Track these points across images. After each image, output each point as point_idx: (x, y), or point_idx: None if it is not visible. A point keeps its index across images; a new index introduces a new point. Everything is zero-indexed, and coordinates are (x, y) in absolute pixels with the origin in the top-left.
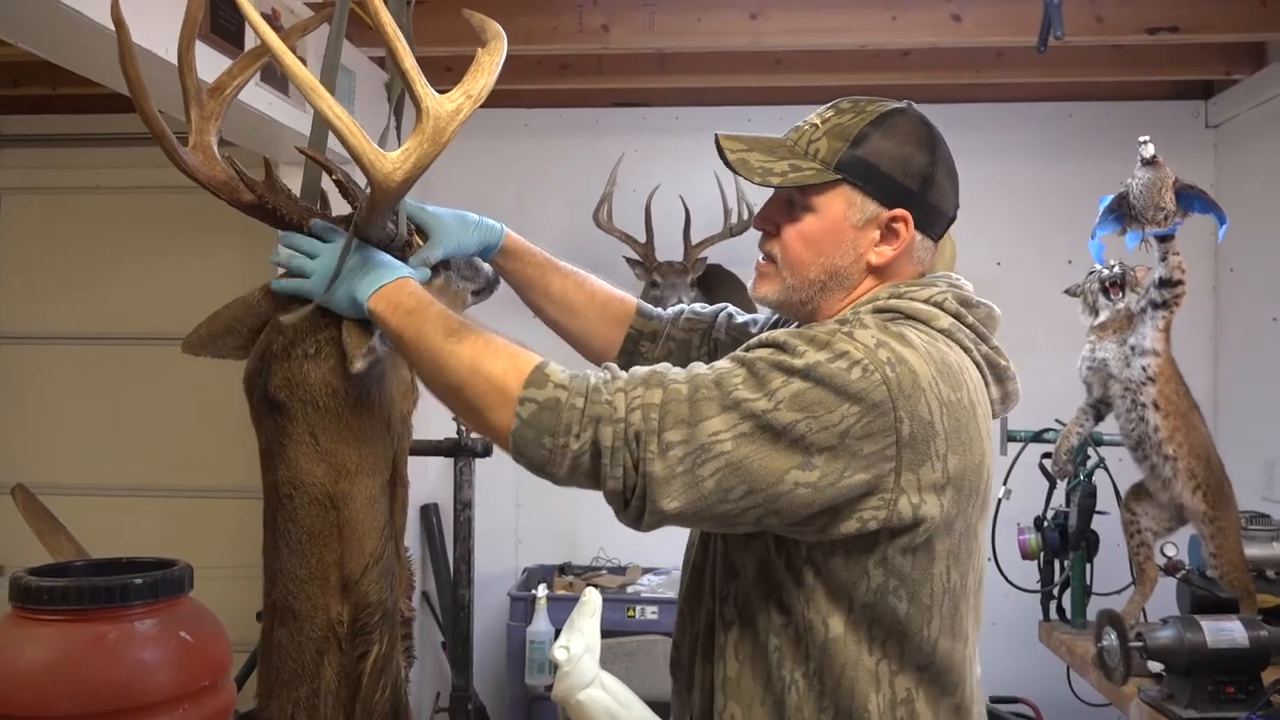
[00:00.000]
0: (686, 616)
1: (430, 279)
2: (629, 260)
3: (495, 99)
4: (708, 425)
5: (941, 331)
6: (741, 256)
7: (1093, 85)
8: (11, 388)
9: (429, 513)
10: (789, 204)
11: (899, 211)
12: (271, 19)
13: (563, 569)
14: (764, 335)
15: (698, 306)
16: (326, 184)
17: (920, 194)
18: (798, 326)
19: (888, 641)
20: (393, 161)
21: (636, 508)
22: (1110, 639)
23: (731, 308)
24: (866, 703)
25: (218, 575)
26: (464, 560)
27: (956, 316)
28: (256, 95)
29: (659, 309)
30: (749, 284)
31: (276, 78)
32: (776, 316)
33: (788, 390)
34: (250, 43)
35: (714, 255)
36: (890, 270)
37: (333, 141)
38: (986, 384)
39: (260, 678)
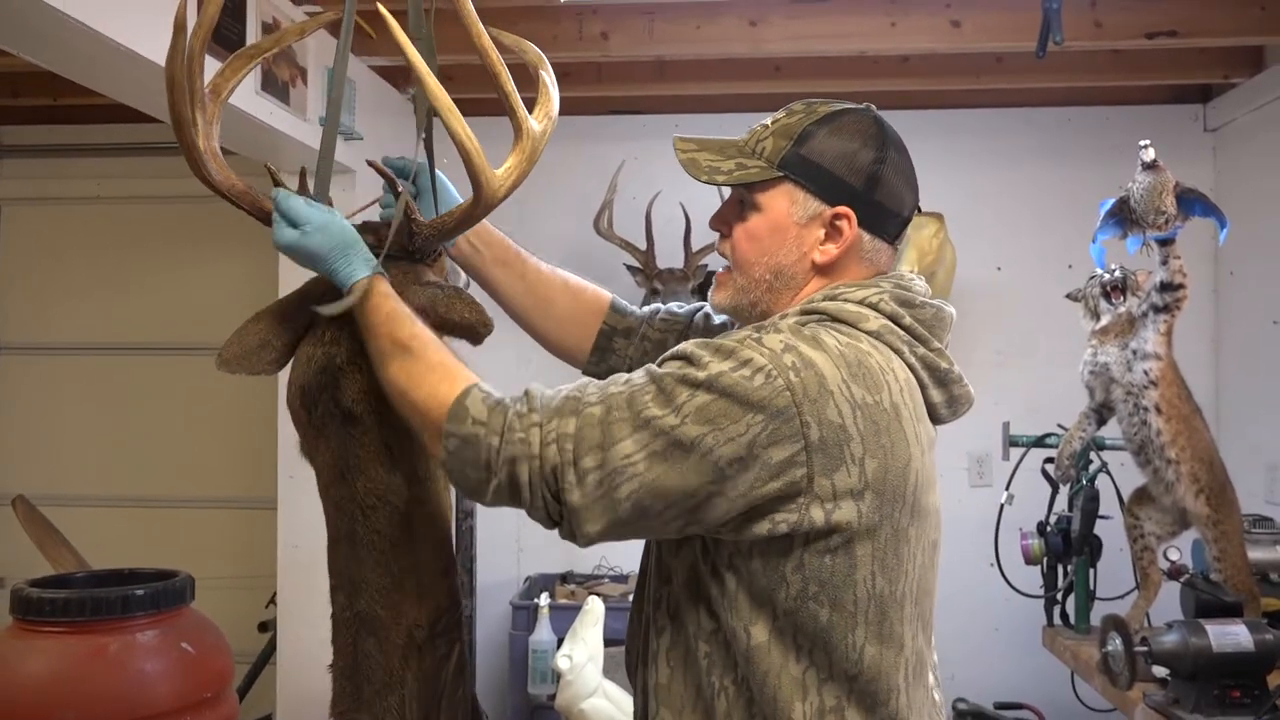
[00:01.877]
0: (635, 620)
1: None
2: (630, 268)
3: (493, 107)
4: (620, 448)
5: (870, 333)
6: None
7: (1092, 90)
8: (13, 398)
9: None
10: (739, 204)
11: (841, 209)
12: (272, 27)
13: (565, 578)
14: (676, 347)
15: (674, 306)
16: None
17: (865, 192)
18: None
19: (814, 650)
20: (499, 178)
21: (566, 530)
22: (1115, 644)
23: (708, 307)
24: (791, 711)
25: (219, 586)
26: (465, 570)
27: (892, 318)
28: (258, 105)
29: (634, 306)
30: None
31: (277, 86)
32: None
33: (693, 404)
34: None
35: (715, 262)
36: (838, 269)
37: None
38: (924, 387)
39: (343, 689)
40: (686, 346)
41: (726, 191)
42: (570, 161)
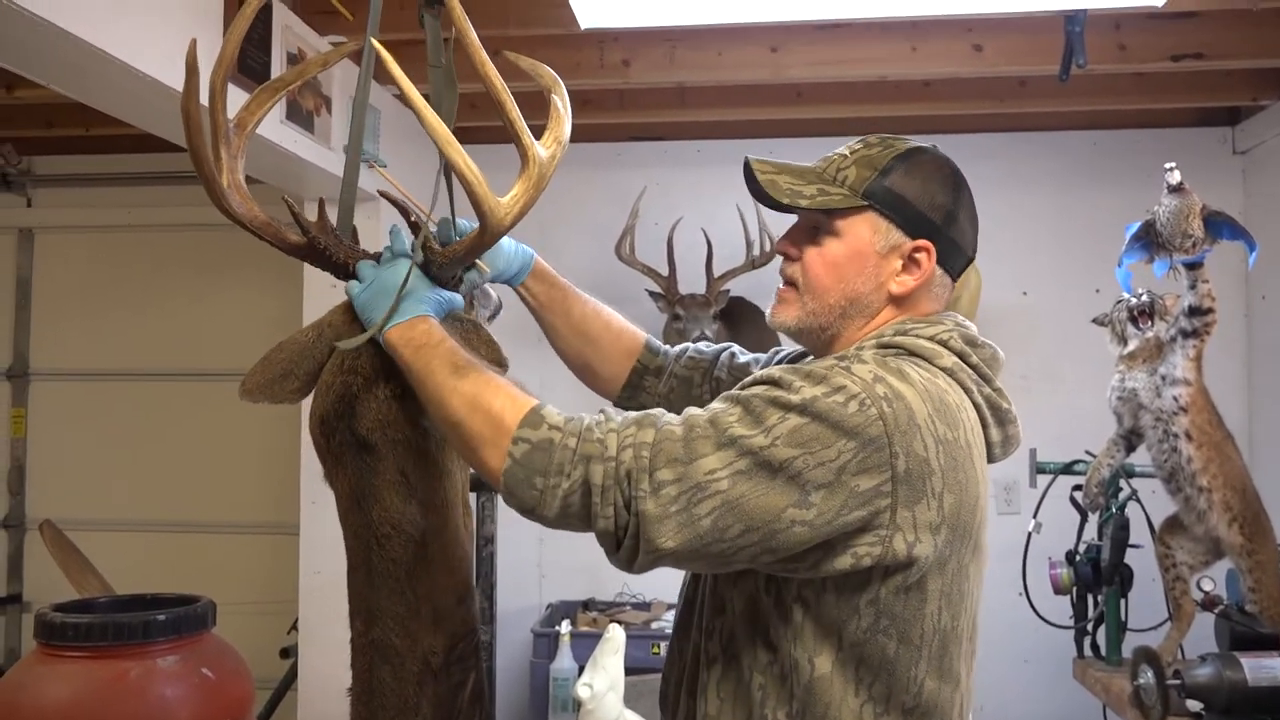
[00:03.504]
0: (675, 650)
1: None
2: (651, 293)
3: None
4: (703, 463)
5: (944, 370)
6: (765, 289)
7: (1117, 113)
8: (42, 423)
9: None
10: (813, 229)
11: (922, 242)
12: (297, 58)
13: (586, 604)
14: (759, 373)
15: (702, 345)
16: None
17: (943, 228)
18: (804, 360)
19: (875, 683)
20: (505, 206)
21: (629, 548)
22: (1147, 677)
23: (735, 347)
24: None
25: (242, 611)
26: (485, 598)
27: (960, 356)
28: (283, 134)
29: (666, 346)
30: (768, 311)
31: (301, 115)
32: (780, 355)
33: (784, 426)
34: None
35: (737, 287)
36: (909, 302)
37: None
38: (986, 426)
39: (359, 714)
40: (773, 371)
41: (750, 219)
42: (592, 188)
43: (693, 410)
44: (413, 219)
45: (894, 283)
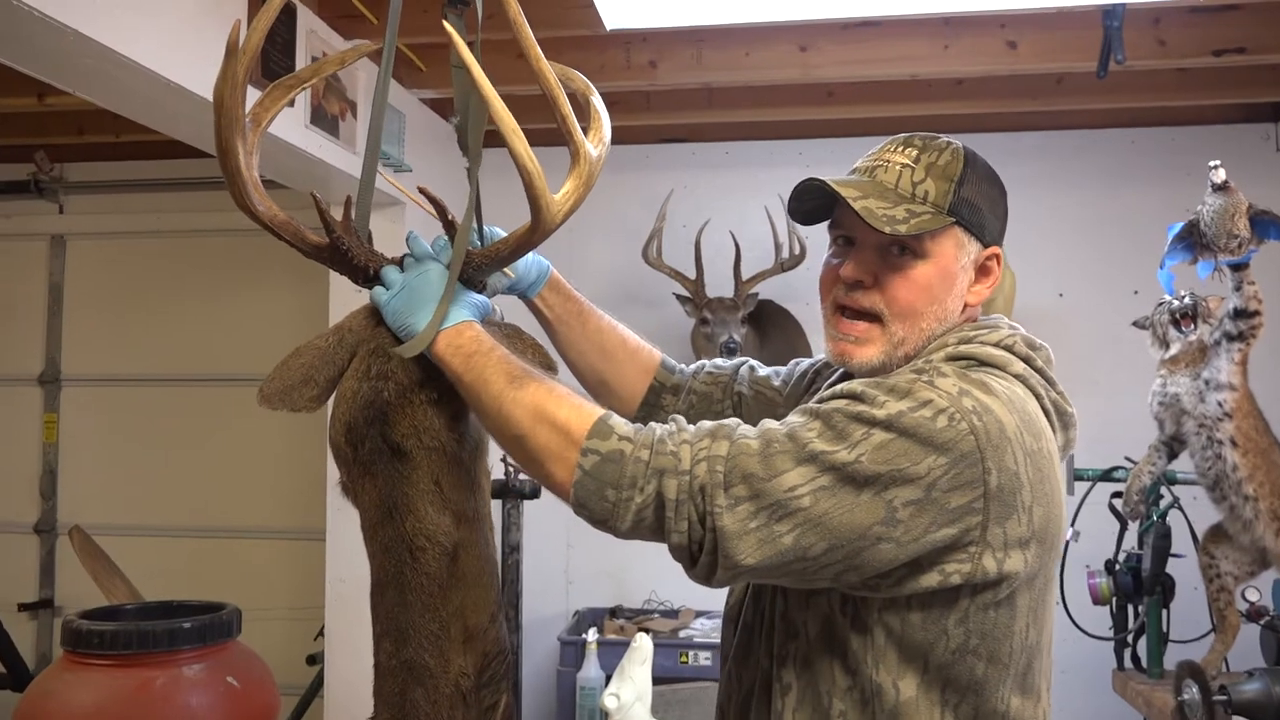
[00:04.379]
0: (734, 677)
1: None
2: (679, 297)
3: (540, 138)
4: (784, 479)
5: (1016, 377)
6: (794, 292)
7: (1156, 110)
8: (73, 430)
9: None
10: (886, 251)
11: (994, 249)
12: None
13: (614, 612)
14: (838, 387)
15: (719, 361)
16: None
17: (1003, 231)
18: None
19: (961, 704)
20: (558, 203)
21: (707, 563)
22: (1191, 692)
23: (752, 361)
24: None
25: (270, 617)
26: (511, 606)
27: (1026, 361)
28: (308, 138)
29: (681, 365)
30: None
31: (326, 120)
32: (807, 366)
33: (870, 442)
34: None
35: (765, 291)
36: (971, 308)
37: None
38: (1054, 431)
39: None
40: (854, 385)
41: (779, 222)
42: (619, 191)
43: (769, 423)
44: (450, 217)
45: (971, 294)
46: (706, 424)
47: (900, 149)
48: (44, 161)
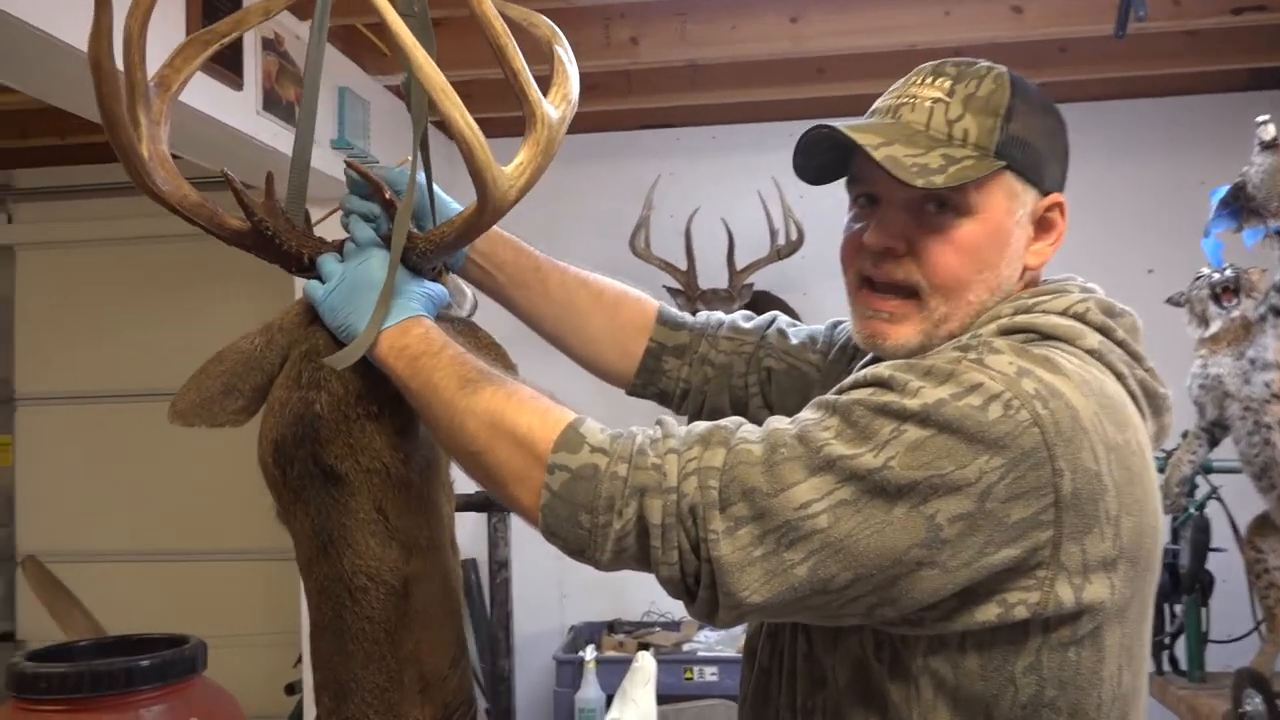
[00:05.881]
0: None
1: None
2: (670, 289)
3: (515, 127)
4: (793, 494)
5: (1089, 353)
6: (790, 281)
7: (1168, 78)
8: (29, 451)
9: (466, 569)
10: (920, 209)
11: (1055, 197)
12: (275, 44)
13: (612, 626)
14: (861, 372)
15: (739, 318)
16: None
17: (1065, 173)
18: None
19: None
20: (509, 176)
21: (707, 599)
22: (1254, 703)
23: (783, 321)
24: None
25: (243, 644)
26: (502, 626)
27: (1103, 331)
28: (259, 126)
29: (688, 315)
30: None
31: (280, 106)
32: (843, 326)
33: (902, 440)
34: (249, 70)
35: (761, 281)
36: (1030, 271)
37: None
38: (1143, 418)
39: None
40: (880, 369)
41: (773, 207)
42: (601, 180)
43: (776, 422)
44: (388, 196)
45: (1030, 254)
46: (699, 427)
47: (930, 80)
48: None
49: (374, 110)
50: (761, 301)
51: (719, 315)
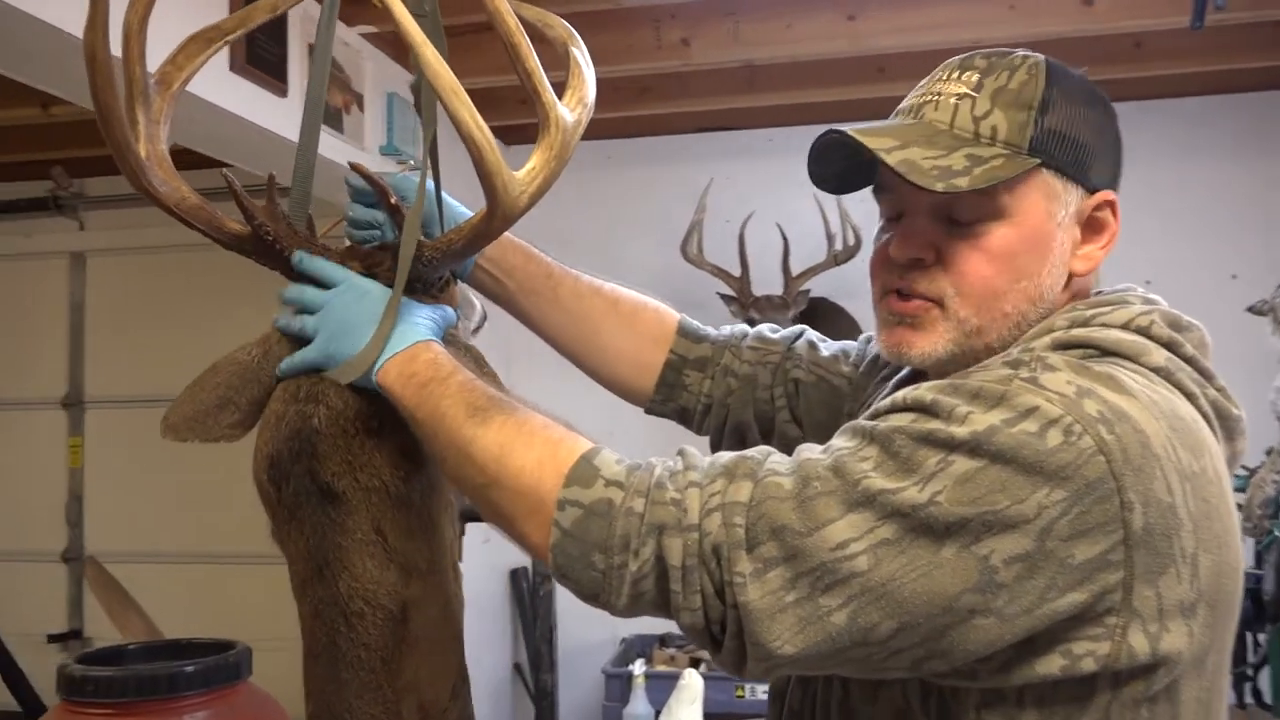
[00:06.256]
0: None
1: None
2: (723, 296)
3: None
4: (829, 533)
5: (1155, 371)
6: (848, 287)
7: (1251, 73)
8: (99, 453)
9: (519, 577)
10: (948, 216)
11: (1105, 194)
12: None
13: (664, 640)
14: (899, 395)
15: (765, 329)
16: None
17: (1120, 168)
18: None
19: None
20: (520, 182)
21: (733, 649)
22: None
23: (812, 334)
24: None
25: (297, 647)
26: (545, 640)
27: (1170, 346)
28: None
29: (711, 328)
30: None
31: (328, 113)
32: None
33: (950, 473)
34: (294, 77)
35: (817, 287)
36: (1080, 278)
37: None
38: (1216, 441)
39: None
40: (921, 392)
41: (830, 212)
42: (656, 185)
43: (808, 452)
44: (394, 201)
45: (1078, 260)
46: (723, 457)
47: (956, 75)
48: (62, 177)
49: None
50: (819, 309)
51: (743, 326)
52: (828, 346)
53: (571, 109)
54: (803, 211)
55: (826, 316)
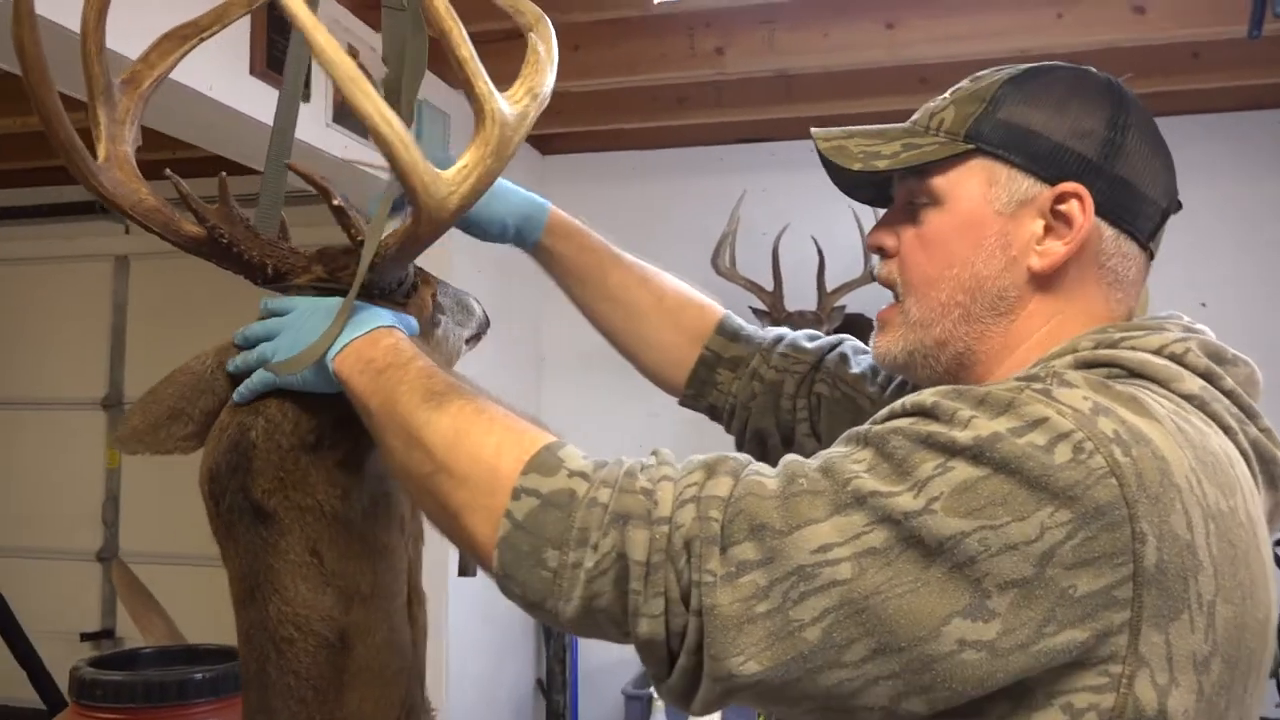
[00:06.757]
0: None
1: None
2: (755, 311)
3: (600, 140)
4: (811, 534)
5: (1187, 398)
6: (885, 303)
7: None
8: (135, 457)
9: None
10: (910, 206)
11: (1068, 186)
12: (349, 55)
13: None
14: (900, 400)
15: (801, 337)
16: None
17: (1101, 163)
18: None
19: None
20: (447, 182)
21: (688, 668)
22: None
23: (849, 345)
24: None
25: None
26: (558, 660)
27: (1207, 377)
28: (330, 139)
29: (754, 328)
30: (870, 344)
31: (352, 118)
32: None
33: (948, 479)
34: (317, 78)
35: (853, 303)
36: (1067, 283)
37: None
38: (1255, 485)
39: None
40: (923, 396)
41: (868, 225)
42: (691, 197)
43: (796, 456)
44: (335, 203)
45: (1034, 254)
46: (703, 456)
47: (964, 81)
48: None
49: (455, 123)
50: (855, 324)
51: (782, 330)
52: (859, 362)
53: (515, 101)
54: (839, 225)
55: (862, 332)
